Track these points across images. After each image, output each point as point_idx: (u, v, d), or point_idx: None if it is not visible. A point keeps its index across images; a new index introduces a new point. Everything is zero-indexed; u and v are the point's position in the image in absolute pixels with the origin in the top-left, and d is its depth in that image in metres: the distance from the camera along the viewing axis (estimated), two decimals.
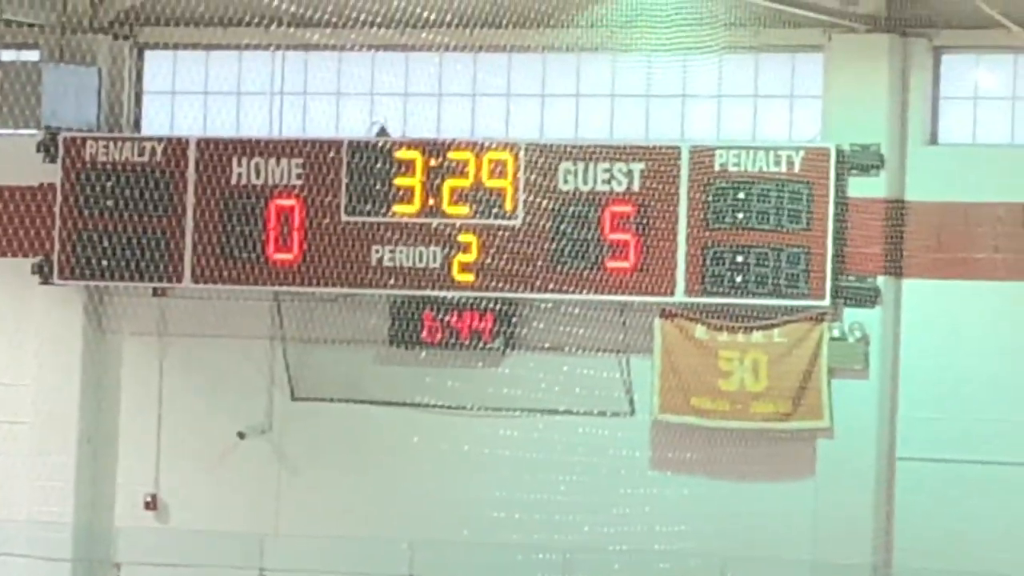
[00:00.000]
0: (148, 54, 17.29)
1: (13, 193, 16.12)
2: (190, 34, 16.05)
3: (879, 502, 15.33)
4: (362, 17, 15.17)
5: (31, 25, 16.77)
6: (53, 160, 16.25)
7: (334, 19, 14.89)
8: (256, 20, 15.04)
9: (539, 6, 14.39)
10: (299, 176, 15.19)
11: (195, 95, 16.63)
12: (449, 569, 15.41)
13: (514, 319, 14.57)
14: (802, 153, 15.00)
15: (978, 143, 15.11)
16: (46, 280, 15.87)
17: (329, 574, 14.40)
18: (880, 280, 15.47)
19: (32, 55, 17.05)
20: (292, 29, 15.23)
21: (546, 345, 14.56)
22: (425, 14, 14.44)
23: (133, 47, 17.36)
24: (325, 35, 15.01)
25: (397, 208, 15.56)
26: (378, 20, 15.23)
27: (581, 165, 14.30)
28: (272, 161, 15.54)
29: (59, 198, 15.74)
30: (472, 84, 15.42)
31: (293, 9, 14.71)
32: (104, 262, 15.57)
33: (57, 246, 15.71)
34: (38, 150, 16.21)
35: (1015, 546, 13.73)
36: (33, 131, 16.34)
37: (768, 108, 14.89)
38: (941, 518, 15.11)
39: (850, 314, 15.23)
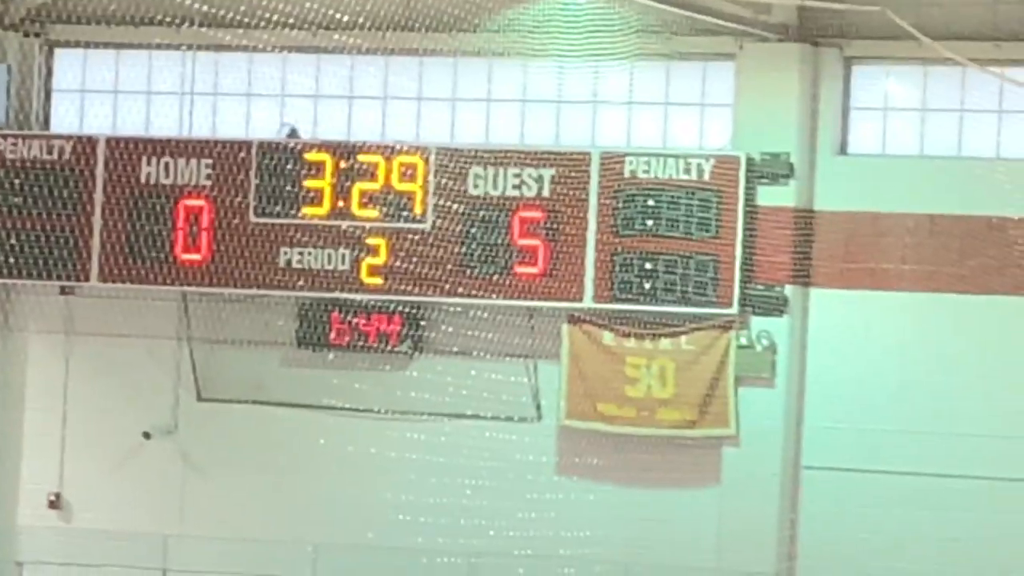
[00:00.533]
0: (58, 52, 17.24)
1: None
2: (100, 32, 16.02)
3: (783, 510, 15.41)
4: (274, 18, 15.17)
5: None
6: None
7: (246, 19, 14.84)
8: (167, 19, 15.10)
9: (451, 10, 14.40)
10: (208, 176, 15.19)
11: (105, 94, 16.62)
12: (353, 572, 15.44)
13: (422, 323, 14.61)
14: (712, 161, 15.10)
15: (888, 154, 15.27)
16: None
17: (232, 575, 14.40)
18: (788, 289, 15.57)
19: None
20: (203, 29, 15.21)
21: (454, 349, 14.64)
22: (337, 16, 14.45)
23: (43, 45, 17.31)
24: (236, 35, 15.04)
25: (306, 210, 15.54)
26: (290, 21, 15.33)
27: (491, 170, 14.37)
28: (181, 161, 15.54)
29: None
30: (383, 87, 15.44)
31: (204, 9, 14.79)
32: (11, 259, 15.51)
33: None
34: None
35: (917, 556, 13.93)
36: None
37: (679, 116, 14.95)
38: (845, 527, 15.21)
39: (758, 322, 15.27)
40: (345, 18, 14.61)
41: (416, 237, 14.43)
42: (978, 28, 14.60)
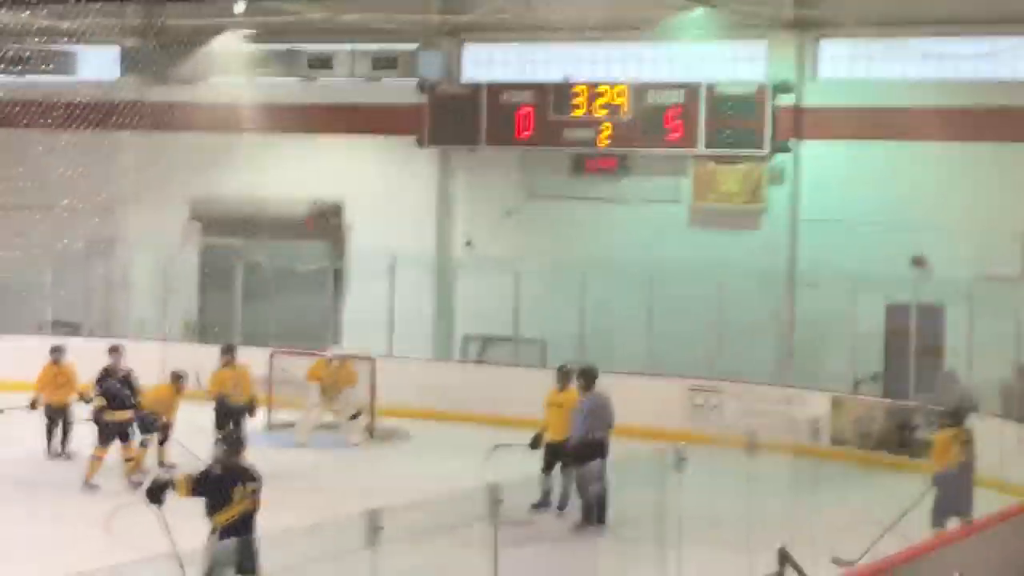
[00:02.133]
0: None
1: None
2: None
3: (792, 246, 26.32)
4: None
5: None
6: None
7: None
8: None
9: None
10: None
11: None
12: None
13: None
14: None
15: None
16: None
17: None
18: (790, 142, 25.74)
19: None
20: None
21: None
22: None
23: None
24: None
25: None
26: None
27: None
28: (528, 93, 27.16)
29: None
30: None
31: None
32: None
33: None
34: None
35: None
36: None
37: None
38: (835, 250, 26.04)
39: (779, 158, 25.71)
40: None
41: None
42: None
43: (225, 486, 13.73)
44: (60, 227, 28.35)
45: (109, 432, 20.02)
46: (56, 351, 22.25)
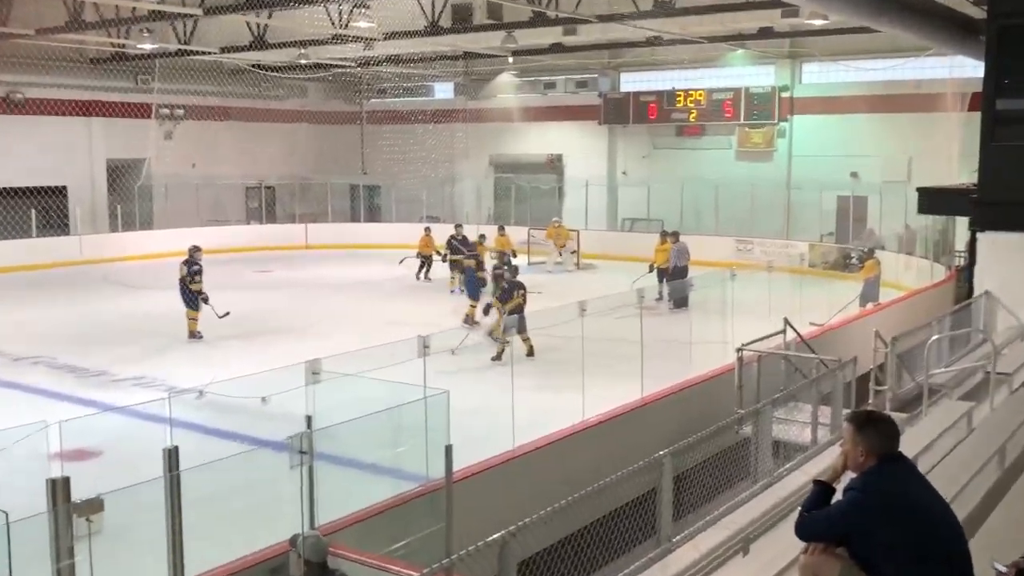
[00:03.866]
0: None
1: None
2: None
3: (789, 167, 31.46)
4: None
5: None
6: None
7: None
8: None
9: None
10: None
11: None
12: None
13: None
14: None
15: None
16: None
17: None
18: (788, 119, 29.00)
19: None
20: None
21: None
22: None
23: None
24: None
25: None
26: None
27: None
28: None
29: None
30: None
31: None
32: None
33: None
34: None
35: None
36: None
37: None
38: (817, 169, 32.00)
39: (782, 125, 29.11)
40: None
41: None
42: None
43: (510, 291, 15.44)
44: (428, 169, 33.42)
45: (454, 267, 22.10)
46: (427, 229, 24.94)
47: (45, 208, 27.06)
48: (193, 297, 17.39)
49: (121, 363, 15.42)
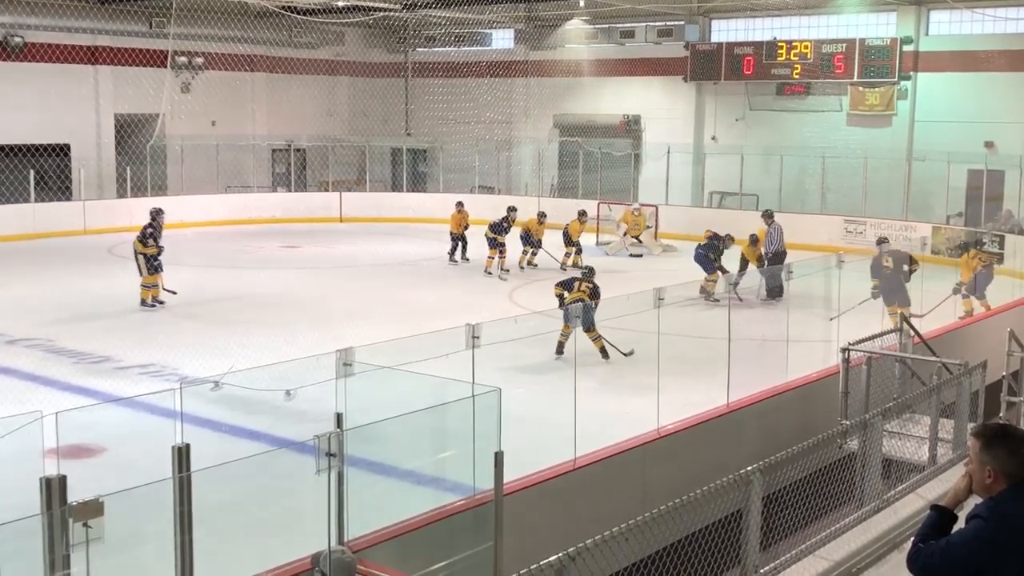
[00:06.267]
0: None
1: None
2: None
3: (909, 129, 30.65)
4: None
5: None
6: None
7: None
8: None
9: None
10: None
11: None
12: None
13: None
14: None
15: None
16: None
17: None
18: (911, 74, 28.55)
19: None
20: None
21: None
22: None
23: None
24: None
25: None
26: None
27: None
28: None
29: None
30: None
31: None
32: None
33: None
34: None
35: None
36: None
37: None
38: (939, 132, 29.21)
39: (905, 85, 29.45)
40: None
41: None
42: None
43: (571, 281, 16.13)
44: (482, 131, 34.01)
45: (492, 245, 22.90)
46: (459, 204, 24.86)
47: (44, 169, 27.42)
48: (148, 260, 18.53)
49: (126, 348, 15.70)
